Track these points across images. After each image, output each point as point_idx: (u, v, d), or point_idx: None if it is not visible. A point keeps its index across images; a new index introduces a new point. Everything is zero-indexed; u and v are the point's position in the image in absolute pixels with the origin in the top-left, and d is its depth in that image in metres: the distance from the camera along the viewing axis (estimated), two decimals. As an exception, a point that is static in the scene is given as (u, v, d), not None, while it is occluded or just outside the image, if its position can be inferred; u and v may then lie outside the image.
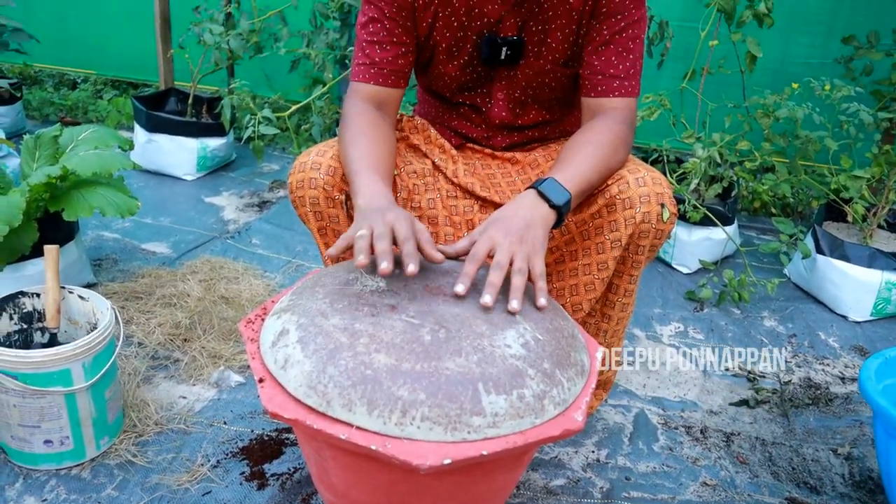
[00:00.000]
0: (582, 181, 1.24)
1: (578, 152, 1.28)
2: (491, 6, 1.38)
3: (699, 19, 2.45)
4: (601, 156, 1.28)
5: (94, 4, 3.88)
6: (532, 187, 1.20)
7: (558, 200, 1.18)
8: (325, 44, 2.75)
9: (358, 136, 1.30)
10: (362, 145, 1.29)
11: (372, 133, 1.32)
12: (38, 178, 1.79)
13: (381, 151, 1.30)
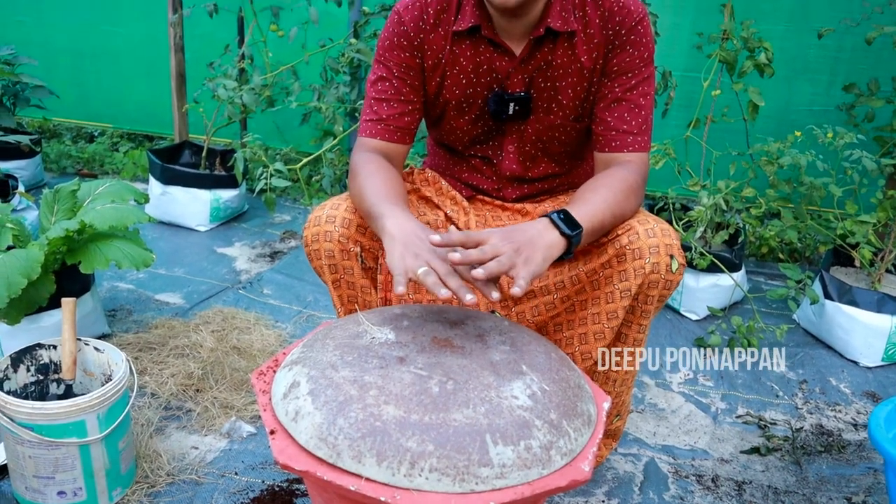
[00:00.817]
0: (595, 219, 1.26)
1: (593, 193, 1.31)
2: (499, 63, 1.43)
3: (702, 69, 2.51)
4: (614, 199, 1.31)
5: (112, 61, 4.00)
6: (545, 216, 1.22)
7: (570, 230, 1.20)
8: (336, 97, 2.83)
9: (370, 176, 1.35)
10: (378, 181, 1.33)
11: (383, 172, 1.37)
12: (56, 231, 1.83)
13: (395, 185, 1.35)
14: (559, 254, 1.20)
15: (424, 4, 1.44)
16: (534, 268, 1.13)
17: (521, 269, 1.11)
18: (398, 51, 1.44)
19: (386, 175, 1.36)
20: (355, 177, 1.37)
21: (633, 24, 1.39)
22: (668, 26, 2.86)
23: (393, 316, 1.18)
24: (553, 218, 1.21)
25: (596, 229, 1.28)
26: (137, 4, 3.85)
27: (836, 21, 2.61)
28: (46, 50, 4.00)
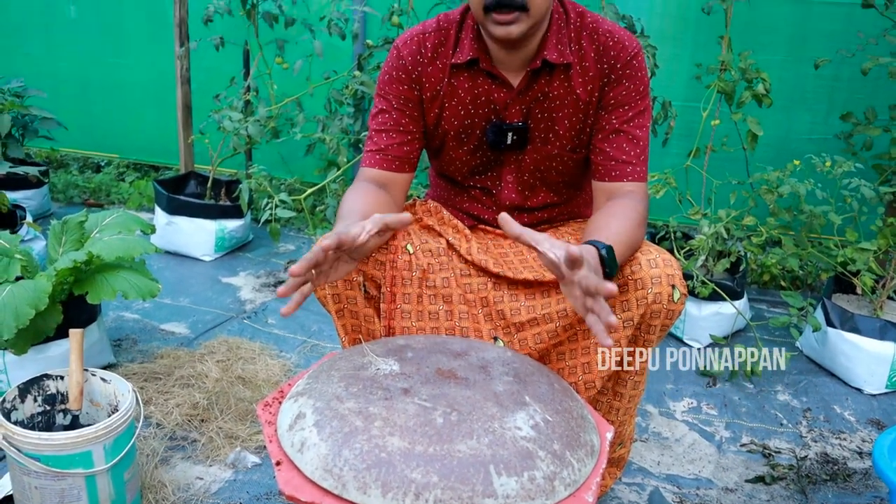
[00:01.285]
0: (619, 255, 1.27)
1: (611, 226, 1.32)
2: (497, 94, 1.46)
3: (701, 99, 2.54)
4: (630, 232, 1.33)
5: (120, 92, 4.06)
6: (592, 244, 1.21)
7: (612, 270, 1.20)
8: (340, 129, 2.87)
9: (348, 197, 1.40)
10: (349, 201, 1.38)
11: (363, 194, 1.41)
12: (64, 263, 1.85)
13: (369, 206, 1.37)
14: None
15: (422, 39, 1.48)
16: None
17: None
18: (397, 84, 1.48)
19: (362, 197, 1.40)
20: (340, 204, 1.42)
21: (629, 59, 1.42)
22: (667, 57, 2.90)
23: (397, 347, 1.20)
24: (602, 253, 1.19)
25: (621, 264, 1.30)
26: (144, 37, 3.91)
27: (833, 52, 2.65)
28: (55, 81, 4.06)
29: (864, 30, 2.60)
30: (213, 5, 2.88)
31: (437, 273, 1.49)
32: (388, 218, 1.23)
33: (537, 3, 1.32)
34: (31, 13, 4.11)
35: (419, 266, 1.49)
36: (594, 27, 1.45)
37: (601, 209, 1.42)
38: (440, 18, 1.50)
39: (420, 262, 1.49)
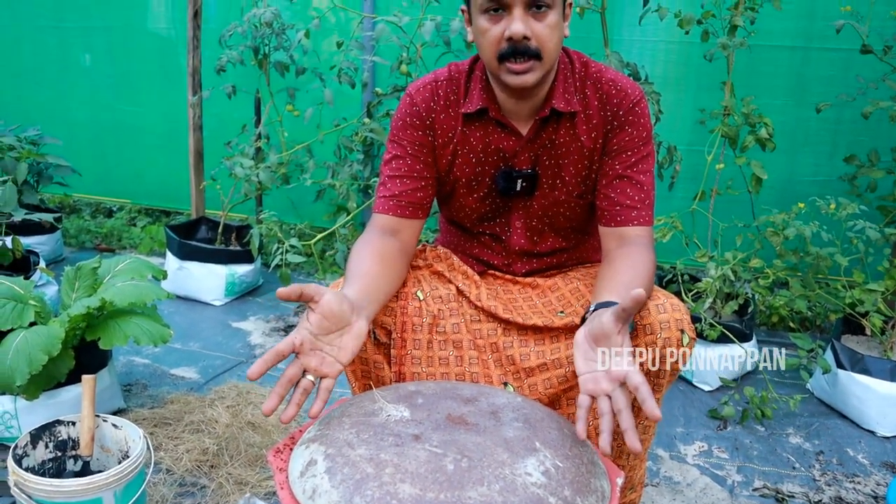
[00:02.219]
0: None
1: (623, 278, 1.33)
2: (506, 142, 1.49)
3: (705, 143, 2.58)
4: (642, 282, 1.35)
5: (132, 138, 4.13)
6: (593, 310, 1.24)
7: (632, 326, 1.24)
8: (349, 175, 2.91)
9: (355, 252, 1.42)
10: (354, 258, 1.40)
11: (370, 249, 1.42)
12: (77, 309, 1.88)
13: (373, 264, 1.39)
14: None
15: (435, 87, 1.52)
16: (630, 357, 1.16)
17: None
18: (411, 130, 1.51)
19: (367, 253, 1.41)
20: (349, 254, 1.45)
21: (631, 106, 1.46)
22: (671, 102, 2.95)
23: (408, 393, 1.21)
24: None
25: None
26: (157, 85, 4.00)
27: (833, 95, 2.69)
28: (69, 127, 4.14)
29: (863, 74, 2.65)
30: (226, 55, 2.95)
31: (447, 319, 1.51)
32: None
33: (549, 50, 1.36)
34: (46, 61, 4.22)
35: (429, 312, 1.50)
36: (598, 76, 1.48)
37: (612, 260, 1.43)
38: (451, 68, 1.54)
39: (430, 308, 1.50)
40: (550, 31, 1.35)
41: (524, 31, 1.32)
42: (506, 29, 1.34)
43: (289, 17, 3.29)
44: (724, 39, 2.41)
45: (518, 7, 1.32)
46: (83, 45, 4.14)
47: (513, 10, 1.33)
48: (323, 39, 3.47)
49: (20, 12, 4.19)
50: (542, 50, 1.35)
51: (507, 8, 1.33)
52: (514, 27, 1.32)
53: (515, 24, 1.32)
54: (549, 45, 1.36)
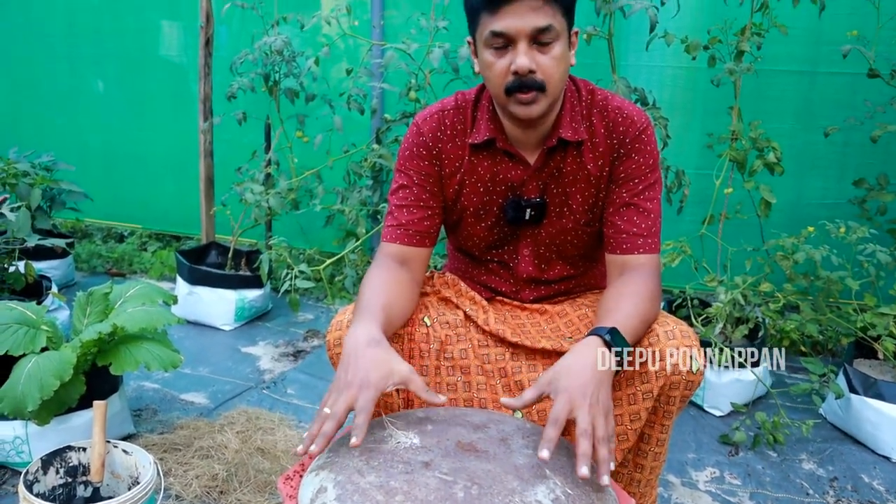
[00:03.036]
0: (632, 332, 1.31)
1: (622, 305, 1.35)
2: (514, 172, 1.50)
3: (714, 167, 2.58)
4: (643, 308, 1.36)
5: (144, 164, 4.17)
6: (596, 335, 1.25)
7: (620, 351, 1.24)
8: (359, 200, 2.93)
9: (369, 281, 1.43)
10: (370, 288, 1.40)
11: (384, 278, 1.43)
12: (89, 334, 1.89)
13: (389, 293, 1.40)
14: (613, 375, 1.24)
15: (442, 116, 1.53)
16: (610, 409, 1.18)
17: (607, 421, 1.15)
18: (417, 160, 1.52)
19: (383, 283, 1.42)
20: (361, 286, 1.45)
21: (637, 134, 1.46)
22: (678, 127, 2.96)
23: (417, 419, 1.21)
24: (606, 338, 1.24)
25: (633, 343, 1.32)
26: (169, 111, 4.05)
27: (841, 119, 2.70)
28: (82, 152, 4.19)
29: (870, 98, 2.65)
30: (237, 82, 2.99)
31: (454, 345, 1.51)
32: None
33: (555, 82, 1.37)
34: (61, 88, 4.28)
35: (437, 338, 1.50)
36: (604, 104, 1.49)
37: (612, 287, 1.44)
38: (458, 97, 1.55)
39: (438, 335, 1.51)
40: (555, 63, 1.36)
41: (529, 65, 1.34)
42: (511, 62, 1.35)
43: (299, 44, 3.33)
44: (730, 65, 2.43)
45: (523, 41, 1.33)
46: (97, 73, 4.20)
47: (518, 44, 1.34)
48: (332, 66, 3.51)
49: (36, 41, 4.26)
50: (547, 82, 1.36)
51: (512, 42, 1.34)
52: (519, 61, 1.33)
53: (520, 58, 1.33)
54: (554, 76, 1.37)
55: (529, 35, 1.33)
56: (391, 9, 3.42)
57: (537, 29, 1.32)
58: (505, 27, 1.33)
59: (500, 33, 1.34)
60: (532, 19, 1.32)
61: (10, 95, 4.45)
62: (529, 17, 1.32)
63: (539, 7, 1.31)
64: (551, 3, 1.32)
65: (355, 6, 3.47)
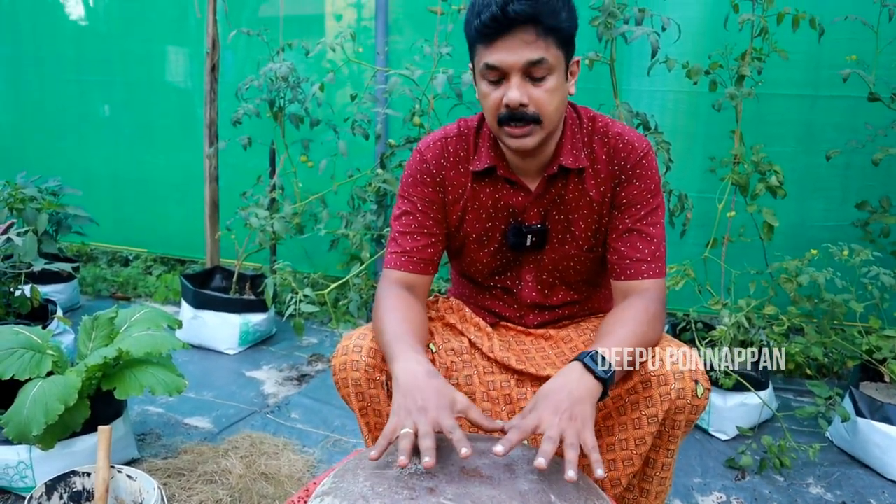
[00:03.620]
0: (626, 353, 1.31)
1: (619, 328, 1.35)
2: (515, 198, 1.51)
3: (716, 190, 2.59)
4: (640, 332, 1.35)
5: (149, 188, 4.21)
6: (578, 360, 1.26)
7: (604, 373, 1.24)
8: (363, 225, 2.94)
9: (390, 310, 1.41)
10: (395, 318, 1.39)
11: (402, 307, 1.43)
12: (95, 359, 1.90)
13: (412, 322, 1.40)
14: (598, 396, 1.24)
15: (445, 143, 1.54)
16: (589, 422, 1.18)
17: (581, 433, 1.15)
18: (421, 186, 1.53)
19: (404, 311, 1.42)
20: (377, 310, 1.44)
21: (638, 159, 1.47)
22: (681, 151, 2.98)
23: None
24: (586, 362, 1.25)
25: (626, 366, 1.32)
26: (174, 135, 4.09)
27: (842, 142, 2.71)
28: (88, 176, 4.23)
29: (871, 120, 2.67)
30: (242, 108, 3.02)
31: (460, 371, 1.51)
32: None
33: (549, 114, 1.38)
34: (69, 113, 4.33)
35: (442, 364, 1.51)
36: (605, 130, 1.50)
37: (613, 311, 1.45)
38: (460, 124, 1.56)
39: (443, 361, 1.51)
40: (549, 95, 1.36)
41: (520, 99, 1.34)
42: (504, 95, 1.36)
43: (304, 69, 3.37)
44: (731, 89, 2.45)
45: (515, 75, 1.34)
46: (104, 99, 4.26)
47: (511, 77, 1.34)
48: (337, 91, 3.54)
49: (46, 68, 4.32)
50: (541, 114, 1.37)
51: (506, 75, 1.35)
52: (511, 95, 1.34)
53: (512, 91, 1.34)
54: (548, 109, 1.37)
55: (522, 68, 1.33)
56: (395, 34, 3.46)
57: (530, 62, 1.33)
58: (498, 60, 1.34)
59: (493, 66, 1.35)
60: (525, 53, 1.32)
61: (19, 121, 4.51)
62: (522, 51, 1.32)
63: (532, 41, 1.32)
64: (545, 36, 1.32)
65: (359, 32, 3.52)
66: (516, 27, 1.31)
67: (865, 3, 2.53)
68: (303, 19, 3.71)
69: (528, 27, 1.31)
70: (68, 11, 4.25)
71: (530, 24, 1.31)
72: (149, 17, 3.98)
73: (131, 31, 4.05)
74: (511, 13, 1.30)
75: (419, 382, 1.21)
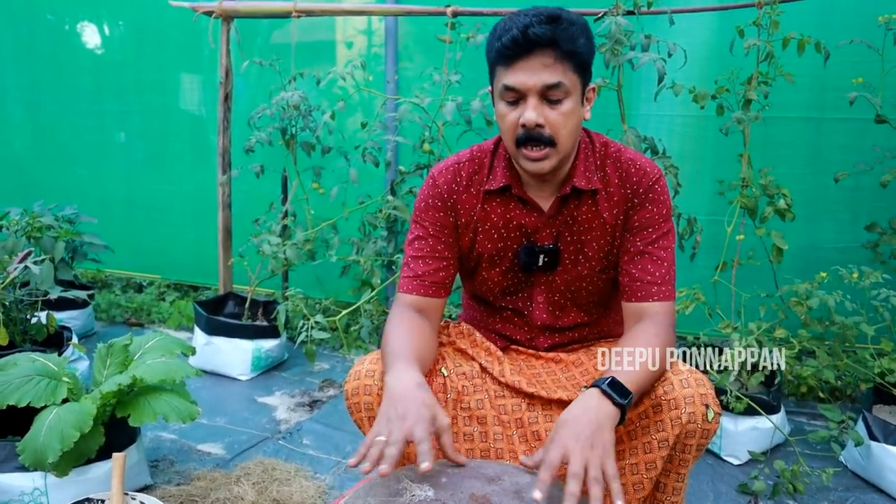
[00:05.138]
0: (640, 380, 1.33)
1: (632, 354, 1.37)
2: (527, 219, 1.54)
3: (725, 213, 2.60)
4: (654, 357, 1.37)
5: (164, 215, 4.26)
6: (595, 386, 1.28)
7: (622, 398, 1.26)
8: (374, 251, 2.97)
9: (396, 329, 1.45)
10: (398, 335, 1.43)
11: (409, 328, 1.46)
12: (109, 386, 1.92)
13: (416, 342, 1.43)
14: (617, 421, 1.26)
15: (457, 168, 1.58)
16: (610, 450, 1.19)
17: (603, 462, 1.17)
18: (433, 211, 1.56)
19: (410, 330, 1.45)
20: (386, 330, 1.48)
21: (651, 184, 1.50)
22: (689, 174, 2.98)
23: (432, 471, 1.21)
24: (604, 388, 1.27)
25: (642, 389, 1.34)
26: (188, 163, 4.14)
27: (850, 164, 2.71)
28: (104, 203, 4.28)
29: (879, 142, 2.68)
30: (254, 136, 3.07)
31: (471, 395, 1.52)
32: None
33: (563, 137, 1.42)
34: (85, 142, 4.40)
35: (453, 388, 1.52)
36: (617, 155, 1.54)
37: (625, 336, 1.47)
38: (473, 149, 1.60)
39: (454, 385, 1.52)
40: (565, 118, 1.40)
41: (537, 120, 1.38)
42: (521, 116, 1.40)
43: (315, 97, 3.41)
44: (738, 114, 2.47)
45: (533, 96, 1.38)
46: (120, 127, 4.33)
47: (528, 98, 1.39)
48: (348, 118, 3.59)
49: (63, 97, 4.40)
50: (556, 137, 1.41)
51: (523, 96, 1.39)
52: (528, 115, 1.38)
53: (529, 112, 1.38)
54: (563, 131, 1.41)
55: (539, 91, 1.38)
56: (405, 60, 3.51)
57: (547, 85, 1.37)
58: (516, 82, 1.38)
59: (511, 87, 1.39)
60: (543, 76, 1.37)
61: (37, 150, 4.58)
62: (541, 74, 1.37)
63: (550, 64, 1.37)
64: (563, 60, 1.37)
65: (370, 59, 3.58)
66: (535, 50, 1.36)
67: (870, 27, 2.55)
68: (315, 46, 3.77)
69: (546, 50, 1.36)
70: (85, 40, 4.34)
71: (549, 48, 1.36)
72: (164, 46, 4.06)
73: (146, 59, 4.12)
74: (531, 36, 1.35)
75: (406, 392, 1.25)
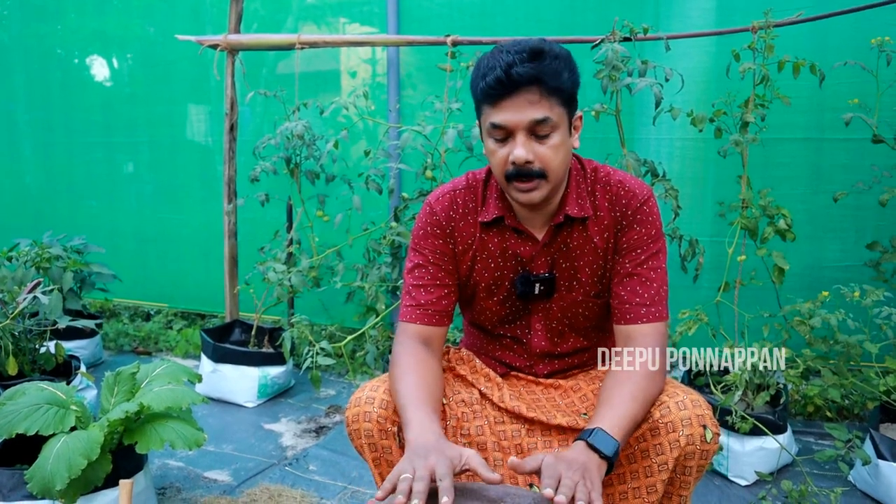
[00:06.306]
0: (627, 422, 1.32)
1: (619, 391, 1.37)
2: (523, 248, 1.55)
3: (726, 234, 2.62)
4: (641, 389, 1.37)
5: (171, 245, 4.31)
6: (581, 439, 1.28)
7: (608, 451, 1.26)
8: (378, 277, 2.99)
9: (406, 372, 1.44)
10: (410, 381, 1.42)
11: (419, 369, 1.45)
12: (117, 414, 1.93)
13: (427, 385, 1.43)
14: (605, 471, 1.26)
15: (454, 196, 1.59)
16: (598, 485, 1.19)
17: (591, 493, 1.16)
18: (432, 238, 1.57)
19: (420, 371, 1.45)
20: (393, 368, 1.47)
21: (639, 205, 1.51)
22: (690, 196, 3.01)
23: (434, 493, 1.22)
24: (589, 442, 1.27)
25: (631, 429, 1.34)
26: (195, 192, 4.20)
27: (849, 183, 2.73)
28: (112, 233, 4.35)
29: (877, 161, 2.69)
30: (259, 165, 3.11)
31: (471, 421, 1.53)
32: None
33: (554, 169, 1.43)
34: (95, 173, 4.48)
35: (453, 415, 1.53)
36: (606, 179, 1.55)
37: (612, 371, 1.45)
38: (468, 177, 1.62)
39: (454, 412, 1.53)
40: (554, 151, 1.41)
41: (526, 157, 1.39)
42: (510, 153, 1.41)
43: (319, 125, 3.46)
44: (736, 136, 2.49)
45: (521, 133, 1.39)
46: (128, 158, 4.40)
47: (516, 135, 1.40)
48: (351, 146, 3.64)
49: (74, 130, 4.48)
50: (547, 170, 1.42)
51: (511, 133, 1.41)
52: (517, 153, 1.39)
53: (518, 150, 1.39)
54: (553, 164, 1.42)
55: (527, 127, 1.39)
56: (408, 88, 3.56)
57: (534, 122, 1.38)
58: (503, 120, 1.40)
59: (499, 125, 1.40)
60: (529, 113, 1.38)
61: (48, 183, 4.66)
62: (527, 111, 1.38)
63: (536, 101, 1.37)
64: (549, 96, 1.38)
65: (374, 88, 3.63)
66: (520, 88, 1.37)
67: (864, 48, 2.58)
68: (319, 75, 3.84)
69: (531, 88, 1.37)
70: (94, 73, 4.43)
71: (534, 86, 1.37)
72: (171, 79, 4.13)
73: (155, 92, 4.20)
74: (515, 76, 1.36)
75: (428, 444, 1.24)
